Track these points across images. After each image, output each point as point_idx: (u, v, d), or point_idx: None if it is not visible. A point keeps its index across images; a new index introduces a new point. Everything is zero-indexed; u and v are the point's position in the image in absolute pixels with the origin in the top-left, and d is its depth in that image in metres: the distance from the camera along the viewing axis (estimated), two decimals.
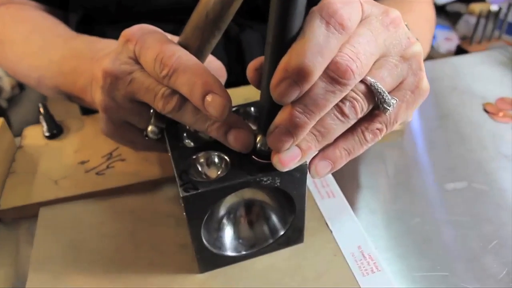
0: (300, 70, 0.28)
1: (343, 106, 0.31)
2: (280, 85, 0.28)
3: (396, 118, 0.34)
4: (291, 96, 0.29)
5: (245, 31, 0.64)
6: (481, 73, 0.70)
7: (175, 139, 0.38)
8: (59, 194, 0.48)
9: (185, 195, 0.33)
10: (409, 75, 0.33)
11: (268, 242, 0.40)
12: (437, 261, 0.42)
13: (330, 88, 0.29)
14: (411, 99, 0.34)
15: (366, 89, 0.31)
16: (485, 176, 0.51)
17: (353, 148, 0.34)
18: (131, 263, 0.41)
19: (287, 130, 0.30)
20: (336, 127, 0.32)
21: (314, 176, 0.34)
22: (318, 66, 0.28)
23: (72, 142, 0.55)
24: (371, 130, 0.34)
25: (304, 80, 0.28)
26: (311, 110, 0.29)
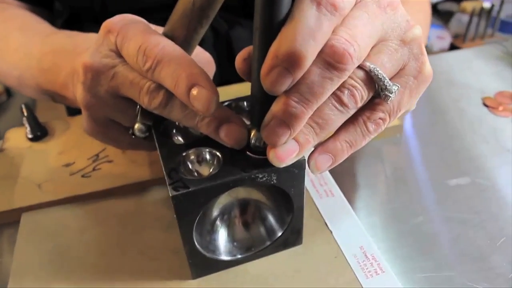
0: (291, 55, 0.25)
1: (342, 95, 0.29)
2: (271, 73, 0.26)
3: (399, 107, 0.32)
4: (283, 84, 0.26)
5: (234, 28, 0.62)
6: (478, 68, 0.68)
7: (164, 136, 0.36)
8: (42, 198, 0.45)
9: (175, 194, 0.30)
10: (410, 60, 0.32)
11: (265, 244, 0.38)
12: (443, 260, 0.39)
13: (326, 74, 0.27)
14: (414, 85, 0.32)
15: (365, 76, 0.29)
16: (489, 171, 0.49)
17: (355, 140, 0.32)
18: (119, 270, 0.38)
19: (283, 121, 0.28)
20: (335, 118, 0.29)
21: (314, 171, 0.32)
22: (311, 50, 0.26)
23: (56, 144, 0.52)
24: (374, 120, 0.31)
25: (296, 67, 0.26)
26: (307, 99, 0.27)
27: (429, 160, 0.51)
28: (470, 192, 0.46)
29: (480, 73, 0.67)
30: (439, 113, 0.59)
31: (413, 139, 0.54)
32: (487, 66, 0.69)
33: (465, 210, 0.44)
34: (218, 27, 0.62)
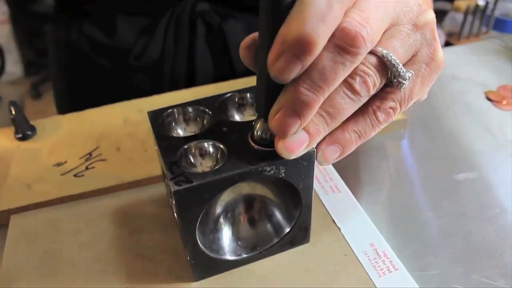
0: (300, 40, 0.23)
1: (353, 82, 0.27)
2: (279, 60, 0.24)
3: (411, 95, 0.30)
4: (293, 72, 0.25)
5: (227, 21, 0.60)
6: (479, 62, 0.67)
7: (162, 128, 0.34)
8: (32, 199, 0.43)
9: (177, 189, 0.28)
10: (423, 46, 0.30)
11: (272, 243, 0.35)
12: (456, 257, 0.38)
13: (338, 59, 0.25)
14: (427, 72, 0.30)
15: (378, 62, 0.27)
16: (497, 165, 0.47)
17: (364, 130, 0.30)
18: (115, 274, 0.36)
19: (293, 110, 0.26)
20: (346, 107, 0.28)
21: (322, 162, 0.30)
22: (322, 34, 0.24)
23: (46, 143, 0.50)
24: (384, 110, 0.30)
25: (306, 52, 0.24)
26: (319, 85, 0.25)
27: (435, 155, 0.49)
28: (480, 186, 0.45)
29: (481, 67, 0.66)
30: (443, 107, 0.57)
31: (418, 134, 0.53)
32: (488, 61, 0.68)
33: (475, 205, 0.43)
34: (211, 21, 0.60)
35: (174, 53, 0.60)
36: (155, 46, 0.60)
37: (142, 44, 0.60)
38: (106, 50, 0.62)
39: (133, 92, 0.56)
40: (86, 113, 0.54)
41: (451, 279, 0.36)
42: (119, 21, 0.60)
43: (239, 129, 0.33)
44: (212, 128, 0.33)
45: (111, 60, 0.62)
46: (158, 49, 0.60)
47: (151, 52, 0.60)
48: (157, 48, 0.60)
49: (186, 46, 0.60)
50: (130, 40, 0.61)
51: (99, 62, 0.63)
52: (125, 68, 0.62)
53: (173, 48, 0.60)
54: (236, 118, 0.35)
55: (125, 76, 0.62)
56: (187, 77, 0.62)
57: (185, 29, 0.59)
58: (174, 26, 0.59)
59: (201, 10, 0.59)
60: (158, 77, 0.62)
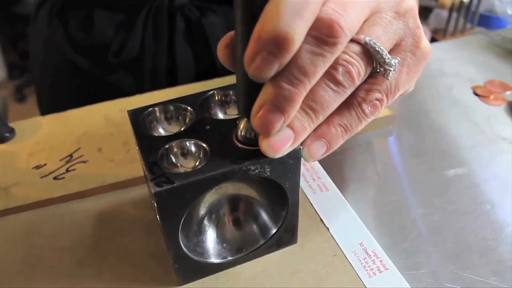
0: (276, 37, 0.22)
1: (336, 73, 0.26)
2: (256, 59, 0.23)
3: (397, 86, 0.29)
4: (270, 70, 0.23)
5: (207, 15, 0.59)
6: (466, 58, 0.67)
7: (143, 127, 0.32)
8: (10, 203, 0.41)
9: (158, 190, 0.27)
10: (407, 34, 0.29)
11: (258, 244, 0.34)
12: (447, 255, 0.37)
13: (317, 51, 0.24)
14: (412, 61, 0.29)
15: (361, 50, 0.26)
16: (487, 161, 0.47)
17: (350, 124, 0.29)
18: (97, 279, 0.35)
19: (275, 106, 0.25)
20: (330, 99, 0.26)
21: (308, 159, 0.29)
22: (299, 30, 0.22)
23: (25, 146, 0.48)
24: (370, 101, 0.29)
25: (283, 50, 0.22)
26: (299, 79, 0.24)
27: (424, 151, 0.49)
28: (469, 182, 0.44)
29: (468, 63, 0.65)
30: (431, 103, 0.57)
31: (406, 130, 0.52)
32: (475, 56, 0.67)
33: (466, 201, 0.42)
34: (190, 15, 0.59)
35: (154, 48, 0.59)
36: (134, 42, 0.58)
37: (120, 40, 0.59)
38: (85, 47, 0.60)
39: (113, 89, 0.55)
40: (66, 114, 0.53)
41: (442, 278, 0.35)
42: (96, 16, 0.59)
43: (222, 127, 0.31)
44: (194, 127, 0.32)
45: (90, 58, 0.61)
46: (137, 45, 0.59)
47: (130, 48, 0.58)
48: (136, 44, 0.58)
49: (165, 41, 0.59)
50: (108, 36, 0.59)
51: (78, 60, 0.61)
52: (105, 66, 0.60)
53: (152, 44, 0.59)
54: (219, 116, 0.34)
55: (105, 74, 0.61)
56: (168, 72, 0.61)
57: (164, 24, 0.58)
58: (153, 21, 0.58)
59: (180, 4, 0.58)
60: (138, 74, 0.60)
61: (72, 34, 0.60)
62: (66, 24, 0.60)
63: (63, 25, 0.61)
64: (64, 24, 0.61)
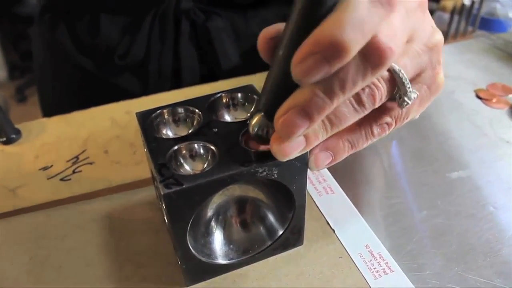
0: (335, 45, 0.22)
1: (362, 93, 0.26)
2: (307, 60, 0.23)
3: (407, 114, 0.30)
4: (316, 75, 0.23)
5: (212, 19, 0.60)
6: (468, 61, 0.67)
7: (151, 130, 0.33)
8: (17, 204, 0.41)
9: (167, 192, 0.27)
10: (428, 67, 0.29)
11: (264, 246, 0.35)
12: (452, 256, 0.37)
13: (361, 69, 0.24)
14: (426, 94, 0.30)
15: (389, 77, 0.27)
16: (490, 163, 0.47)
17: (357, 141, 0.30)
18: (105, 280, 0.35)
19: (305, 112, 0.25)
20: (349, 116, 0.27)
21: (313, 168, 0.30)
22: (356, 45, 0.23)
23: (32, 147, 0.48)
24: (380, 124, 0.30)
25: (337, 58, 0.22)
26: (336, 92, 0.24)
27: (427, 154, 0.49)
28: (473, 185, 0.44)
29: (471, 66, 0.66)
30: (434, 106, 0.57)
31: (409, 133, 0.52)
32: (477, 59, 0.68)
33: (469, 203, 0.42)
34: (195, 18, 0.59)
35: (160, 51, 0.60)
36: (139, 45, 0.59)
37: (126, 43, 0.59)
38: (90, 50, 0.61)
39: (119, 92, 0.55)
40: (72, 115, 0.53)
41: (447, 279, 0.35)
42: (102, 20, 0.59)
43: (230, 129, 0.32)
44: (202, 129, 0.32)
45: (96, 60, 0.61)
46: (143, 48, 0.59)
47: (135, 51, 0.59)
48: (141, 47, 0.59)
49: (171, 44, 0.59)
50: (114, 39, 0.60)
51: (84, 62, 0.62)
52: (110, 68, 0.61)
53: (158, 47, 0.59)
54: (226, 119, 0.34)
55: (110, 76, 0.61)
56: (173, 75, 0.61)
57: (170, 27, 0.58)
58: (159, 24, 0.58)
59: (185, 8, 0.58)
60: (143, 76, 0.61)
61: (78, 37, 0.61)
62: (72, 28, 0.61)
63: (69, 29, 0.61)
64: (69, 27, 0.61)
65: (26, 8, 2.12)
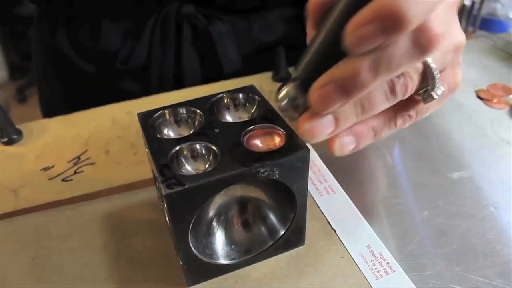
0: (398, 16, 0.21)
1: (397, 82, 0.26)
2: (364, 27, 0.22)
3: (427, 110, 0.30)
4: (371, 45, 0.22)
5: (213, 23, 0.59)
6: (469, 61, 0.67)
7: (153, 130, 0.33)
8: (19, 205, 0.41)
9: (168, 192, 0.27)
10: (449, 67, 0.30)
11: (267, 245, 0.35)
12: (453, 256, 0.37)
13: (409, 51, 0.23)
14: (445, 92, 0.30)
15: (422, 69, 0.27)
16: (491, 164, 0.47)
17: (381, 129, 0.30)
18: (106, 280, 0.35)
19: (344, 87, 0.24)
20: (380, 104, 0.27)
21: (337, 152, 0.29)
22: (416, 20, 0.22)
23: (33, 147, 0.49)
24: (403, 116, 0.30)
25: (397, 30, 0.22)
26: (381, 70, 0.23)
27: (428, 154, 0.49)
28: (474, 185, 0.44)
29: (471, 66, 0.66)
30: None
31: (410, 133, 0.52)
32: (477, 60, 0.68)
33: (470, 204, 0.42)
34: (197, 23, 0.59)
35: (161, 56, 0.59)
36: (141, 50, 0.59)
37: (128, 49, 0.59)
38: (91, 55, 0.61)
39: (120, 96, 0.55)
40: (73, 116, 0.53)
41: (448, 279, 0.35)
42: (103, 25, 0.59)
43: (231, 130, 0.32)
44: (203, 130, 0.32)
45: (97, 65, 0.61)
46: (145, 53, 0.59)
47: (137, 56, 0.59)
48: (143, 52, 0.59)
49: (173, 49, 0.59)
50: (115, 44, 0.60)
51: (85, 67, 0.62)
52: (111, 73, 0.60)
53: (159, 52, 0.59)
54: (228, 119, 0.35)
55: (112, 81, 0.61)
56: (175, 80, 0.61)
57: (171, 32, 0.58)
58: (160, 29, 0.58)
59: (187, 12, 0.58)
60: (145, 81, 0.60)
61: (78, 42, 0.61)
62: (72, 33, 0.61)
63: (69, 35, 0.61)
64: (70, 32, 0.61)
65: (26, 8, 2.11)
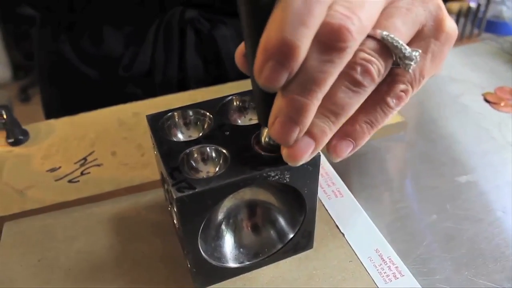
0: (282, 46, 0.22)
1: (354, 73, 0.25)
2: (264, 69, 0.22)
3: (422, 74, 0.28)
4: (279, 80, 0.23)
5: (217, 27, 0.59)
6: (476, 64, 0.67)
7: (162, 133, 0.33)
8: (26, 206, 0.41)
9: (179, 196, 0.27)
10: (428, 19, 0.28)
11: (274, 249, 0.35)
12: (462, 261, 0.37)
13: (326, 57, 0.23)
14: (437, 47, 0.28)
15: (379, 45, 0.25)
16: (498, 167, 0.47)
17: (376, 119, 0.28)
18: (113, 282, 0.35)
19: (289, 117, 0.24)
20: (350, 101, 0.25)
21: (335, 158, 0.28)
22: (304, 38, 0.22)
23: (39, 148, 0.48)
24: (395, 94, 0.27)
25: (290, 58, 0.22)
26: (310, 88, 0.23)
27: (435, 157, 0.49)
28: (482, 188, 0.44)
29: (478, 69, 0.66)
30: (442, 109, 0.57)
31: (417, 136, 0.52)
32: (484, 62, 0.67)
33: (478, 208, 0.42)
34: (201, 28, 0.58)
35: (165, 62, 0.59)
36: (144, 56, 0.58)
37: (130, 55, 0.59)
38: (94, 60, 0.60)
39: (123, 102, 0.55)
40: (79, 117, 0.53)
41: (457, 284, 0.35)
42: (106, 30, 0.59)
43: (241, 133, 0.32)
44: (213, 132, 0.32)
45: (100, 71, 0.61)
46: (148, 59, 0.59)
47: (140, 63, 0.58)
48: (146, 58, 0.58)
49: (176, 54, 0.59)
50: (118, 50, 0.59)
51: (87, 72, 0.61)
52: (115, 79, 0.60)
53: (163, 57, 0.59)
54: (237, 122, 0.34)
55: (115, 86, 0.61)
56: (178, 85, 0.61)
57: (175, 37, 0.58)
58: (163, 35, 0.58)
59: (190, 17, 0.58)
60: (149, 87, 0.60)
61: (81, 48, 0.60)
62: (74, 39, 0.60)
63: (72, 39, 0.61)
64: (72, 38, 0.61)
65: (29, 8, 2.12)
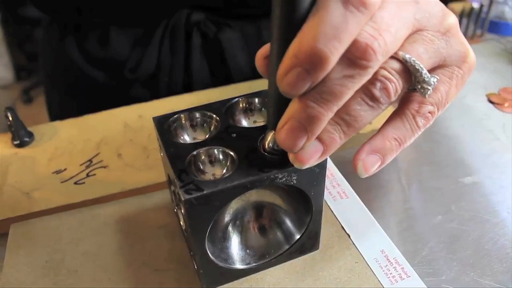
0: (313, 56, 0.22)
1: (373, 88, 0.26)
2: (289, 74, 0.23)
3: (447, 98, 0.30)
4: (302, 87, 0.24)
5: (223, 30, 0.59)
6: (479, 64, 0.67)
7: (169, 135, 0.33)
8: (32, 208, 0.41)
9: (187, 198, 0.27)
10: (450, 53, 0.29)
11: (282, 250, 0.35)
12: (467, 262, 0.37)
13: (347, 72, 0.24)
14: (460, 75, 0.30)
15: (401, 67, 0.27)
16: (503, 168, 0.47)
17: (404, 136, 0.29)
18: (120, 284, 0.35)
19: (300, 124, 0.25)
20: (364, 114, 0.27)
21: (362, 174, 0.29)
22: (335, 52, 0.23)
23: (45, 150, 0.49)
24: (423, 114, 0.29)
25: (317, 68, 0.23)
26: (326, 99, 0.24)
27: (440, 158, 0.49)
28: (487, 189, 0.44)
29: (482, 70, 0.66)
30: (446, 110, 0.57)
31: (421, 137, 0.52)
32: (488, 63, 0.67)
33: (483, 209, 0.42)
34: (207, 31, 0.59)
35: (170, 65, 0.59)
36: (150, 59, 0.58)
37: (136, 57, 0.59)
38: (100, 62, 0.61)
39: (128, 104, 0.55)
40: (85, 118, 0.53)
41: (463, 285, 0.35)
42: (112, 32, 0.59)
43: (248, 135, 0.32)
44: (220, 134, 0.32)
45: (105, 73, 0.61)
46: (154, 62, 0.59)
47: (146, 65, 0.59)
48: (152, 61, 0.59)
49: (182, 57, 0.59)
50: (124, 52, 0.59)
51: (93, 74, 0.61)
52: (120, 81, 0.60)
53: (169, 60, 0.59)
54: (244, 124, 0.35)
55: (120, 88, 0.61)
56: (184, 88, 0.61)
57: (181, 40, 0.58)
58: (169, 37, 0.58)
59: (196, 20, 0.58)
60: (154, 89, 0.60)
61: (87, 50, 0.60)
62: (80, 40, 0.61)
63: (78, 41, 0.61)
64: (78, 40, 0.61)
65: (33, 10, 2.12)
